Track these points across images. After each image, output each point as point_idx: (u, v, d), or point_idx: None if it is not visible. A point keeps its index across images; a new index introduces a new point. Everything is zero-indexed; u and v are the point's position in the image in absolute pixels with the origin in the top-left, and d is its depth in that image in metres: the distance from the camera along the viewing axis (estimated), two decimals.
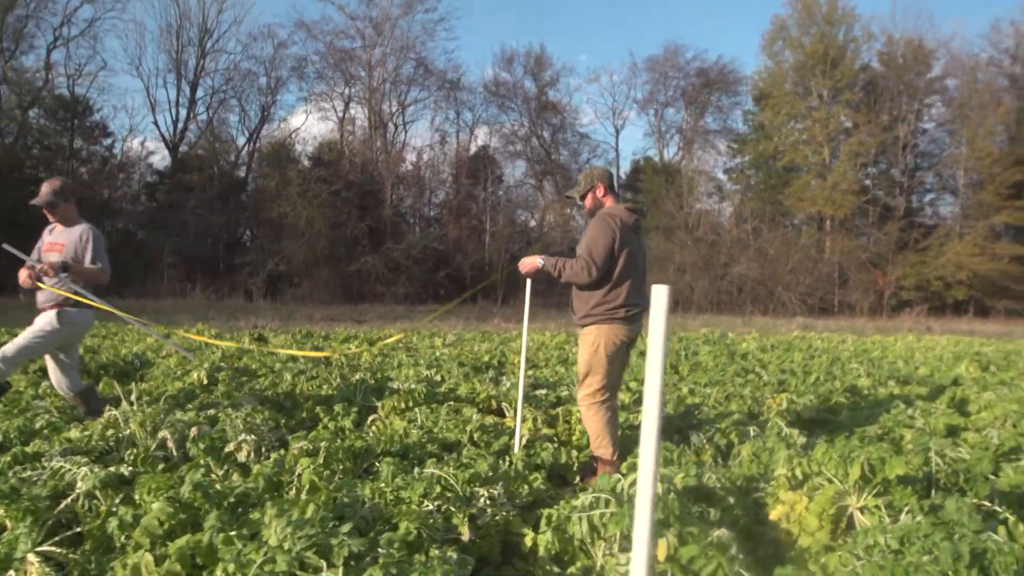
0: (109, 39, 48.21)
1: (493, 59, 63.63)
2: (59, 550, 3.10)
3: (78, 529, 3.28)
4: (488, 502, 3.60)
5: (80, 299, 5.28)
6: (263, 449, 4.57)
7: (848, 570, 2.99)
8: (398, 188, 46.32)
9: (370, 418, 5.58)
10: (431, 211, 49.60)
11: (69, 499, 3.42)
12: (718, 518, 3.75)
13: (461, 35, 79.35)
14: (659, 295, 1.30)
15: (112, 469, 3.66)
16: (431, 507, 3.43)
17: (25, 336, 5.27)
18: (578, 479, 4.77)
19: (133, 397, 4.89)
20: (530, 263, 4.68)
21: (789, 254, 41.66)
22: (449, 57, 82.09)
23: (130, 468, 3.80)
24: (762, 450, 4.87)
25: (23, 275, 5.25)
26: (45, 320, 5.31)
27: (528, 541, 3.50)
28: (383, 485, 3.60)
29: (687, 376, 9.76)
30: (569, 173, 48.99)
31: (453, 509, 3.43)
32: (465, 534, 3.38)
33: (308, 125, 62.73)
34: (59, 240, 5.47)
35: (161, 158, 44.13)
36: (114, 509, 3.29)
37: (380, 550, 2.73)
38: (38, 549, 3.09)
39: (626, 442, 5.32)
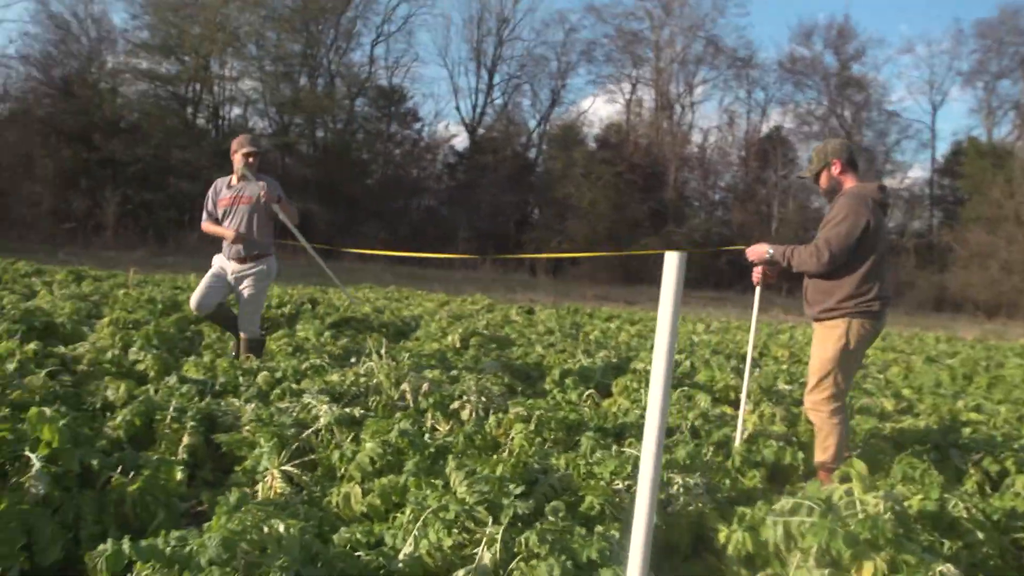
0: (420, 33, 54.79)
1: (789, 34, 60.25)
2: (296, 471, 3.60)
3: (314, 456, 3.77)
4: (682, 490, 3.48)
5: (295, 242, 6.07)
6: (489, 411, 4.84)
7: None
8: (682, 170, 45.64)
9: (587, 393, 5.65)
10: (716, 194, 48.20)
11: (310, 430, 3.93)
12: (954, 553, 3.25)
13: (753, 10, 74.95)
14: (671, 260, 1.16)
15: (347, 410, 4.14)
16: (621, 486, 3.40)
17: (252, 292, 6.00)
18: (802, 485, 4.40)
19: (384, 351, 5.44)
20: (759, 251, 4.38)
21: None
22: (740, 34, 78.08)
23: (363, 411, 4.26)
24: None
25: (229, 233, 5.86)
26: (261, 269, 6.00)
27: (722, 537, 3.33)
28: (579, 458, 3.64)
29: (978, 389, 8.46)
30: (873, 155, 44.50)
31: None
32: None
33: (595, 107, 64.49)
34: (244, 193, 5.93)
35: (461, 140, 48.13)
36: (340, 444, 3.74)
37: (548, 518, 2.79)
38: (283, 467, 3.62)
39: (866, 450, 4.80)
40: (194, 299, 6.02)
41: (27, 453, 2.83)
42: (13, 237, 27.39)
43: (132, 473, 2.99)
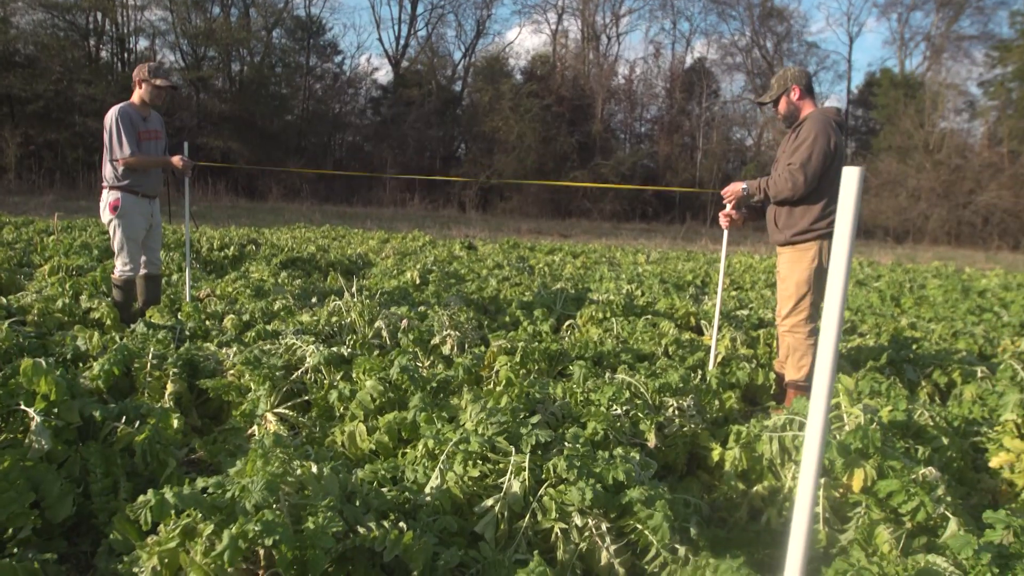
0: None
1: None
2: (291, 413, 3.55)
3: (306, 398, 3.73)
4: (677, 412, 3.60)
5: None
6: (465, 345, 4.86)
7: None
8: (609, 103, 45.67)
9: (566, 323, 5.73)
10: (642, 127, 48.51)
11: (300, 371, 3.87)
12: (926, 456, 3.49)
13: None
14: (850, 176, 1.18)
15: (335, 349, 4.08)
16: (619, 411, 3.49)
17: (159, 225, 5.73)
18: (772, 403, 4.61)
19: (355, 289, 5.35)
20: (733, 190, 4.51)
21: None
22: None
23: (348, 350, 4.21)
24: (989, 393, 4.44)
25: (177, 161, 5.45)
26: (157, 202, 5.73)
27: (715, 455, 3.48)
28: (574, 386, 3.71)
29: (909, 310, 8.96)
30: None
31: (641, 415, 3.47)
32: (651, 440, 3.42)
33: (521, 39, 63.42)
34: (154, 127, 5.56)
35: (385, 73, 46.81)
36: (335, 384, 3.69)
37: (566, 444, 2.84)
38: (275, 410, 3.57)
39: None
40: (144, 262, 5.59)
41: (23, 407, 2.70)
42: None
43: (137, 423, 2.89)
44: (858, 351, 5.51)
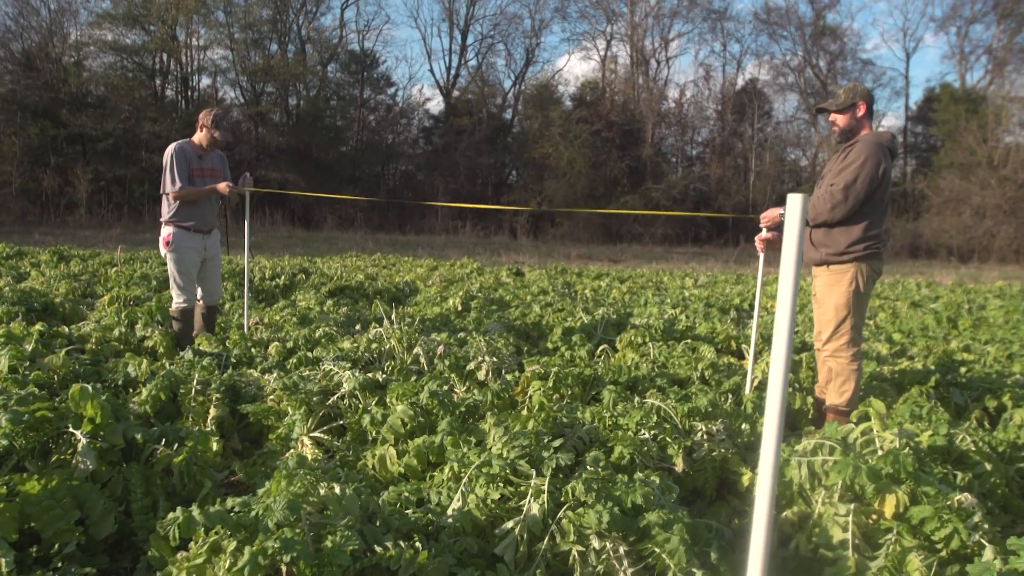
0: None
1: None
2: (326, 437, 3.67)
3: (342, 422, 3.84)
4: (705, 437, 3.59)
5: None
6: (502, 370, 4.93)
7: None
8: (659, 127, 45.60)
9: (600, 348, 5.74)
10: (693, 150, 48.24)
11: (336, 396, 3.99)
12: (966, 483, 3.41)
13: None
14: (793, 203, 1.21)
15: (370, 375, 4.19)
16: (647, 435, 3.50)
17: (218, 258, 5.94)
18: (811, 428, 4.54)
19: (394, 317, 5.48)
20: (771, 215, 4.50)
21: None
22: None
23: (384, 375, 4.32)
24: None
25: (223, 187, 5.60)
26: (217, 236, 5.94)
27: (745, 480, 3.45)
28: (604, 411, 3.73)
29: (965, 331, 8.69)
30: None
31: (669, 440, 3.48)
32: (679, 465, 3.42)
33: (570, 65, 63.95)
34: (211, 165, 5.76)
35: (436, 103, 47.69)
36: (368, 408, 3.80)
37: (587, 467, 2.88)
38: (311, 434, 3.69)
39: (869, 391, 4.96)
40: (201, 294, 5.83)
41: (71, 429, 2.86)
42: None
43: (176, 445, 3.04)
44: (903, 374, 5.38)
